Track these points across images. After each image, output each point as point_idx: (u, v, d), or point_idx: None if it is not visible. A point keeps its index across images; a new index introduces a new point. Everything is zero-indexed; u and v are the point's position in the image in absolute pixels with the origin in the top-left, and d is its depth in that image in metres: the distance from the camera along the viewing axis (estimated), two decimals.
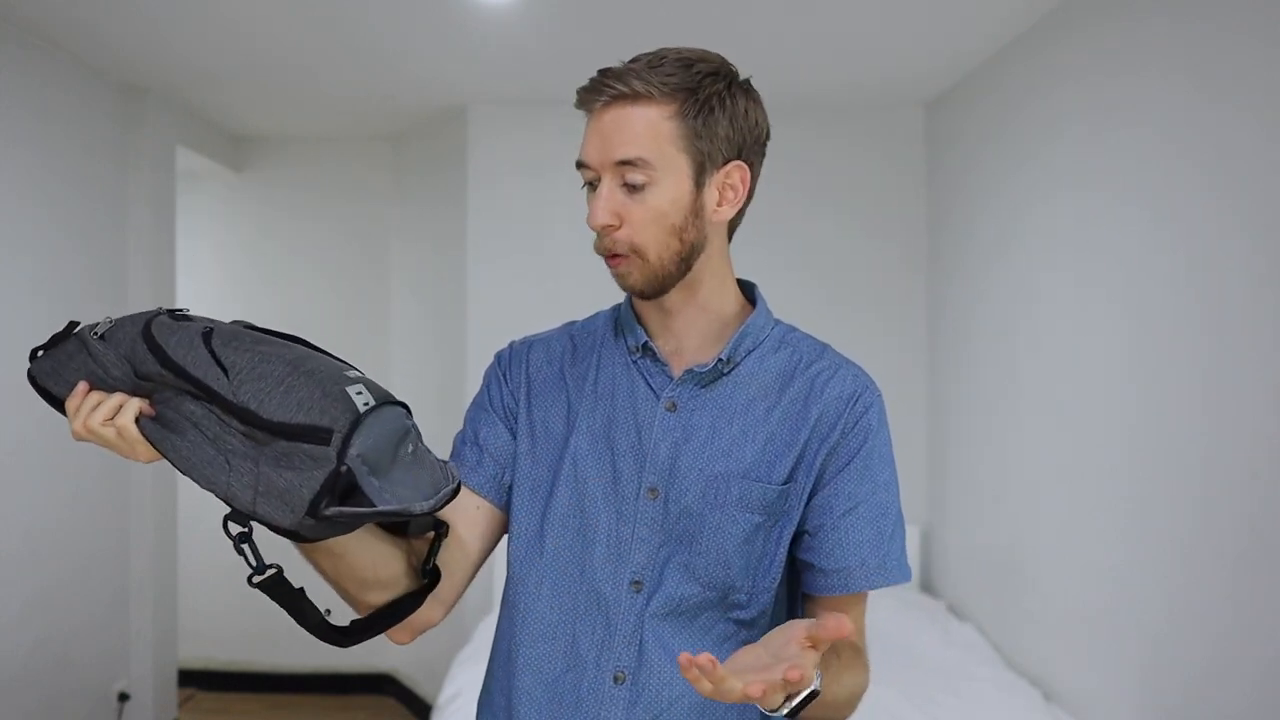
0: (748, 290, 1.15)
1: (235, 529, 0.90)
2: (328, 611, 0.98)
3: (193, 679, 4.26)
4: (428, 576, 1.05)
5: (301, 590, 0.96)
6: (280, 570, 0.94)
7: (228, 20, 2.73)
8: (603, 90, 1.02)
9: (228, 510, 0.89)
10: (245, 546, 0.91)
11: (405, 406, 0.94)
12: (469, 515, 1.11)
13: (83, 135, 3.11)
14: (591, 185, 1.05)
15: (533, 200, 3.55)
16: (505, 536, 1.15)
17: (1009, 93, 2.85)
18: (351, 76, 3.27)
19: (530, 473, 1.12)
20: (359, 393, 0.89)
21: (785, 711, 0.86)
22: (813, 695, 0.86)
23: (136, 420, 0.92)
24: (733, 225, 1.11)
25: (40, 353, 0.98)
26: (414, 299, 4.18)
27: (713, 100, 1.02)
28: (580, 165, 1.05)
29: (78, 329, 0.97)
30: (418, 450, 0.93)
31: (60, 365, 0.96)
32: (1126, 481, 2.20)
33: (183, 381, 0.90)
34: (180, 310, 0.97)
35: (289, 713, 4.15)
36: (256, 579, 0.93)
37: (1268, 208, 1.77)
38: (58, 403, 0.96)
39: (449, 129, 3.77)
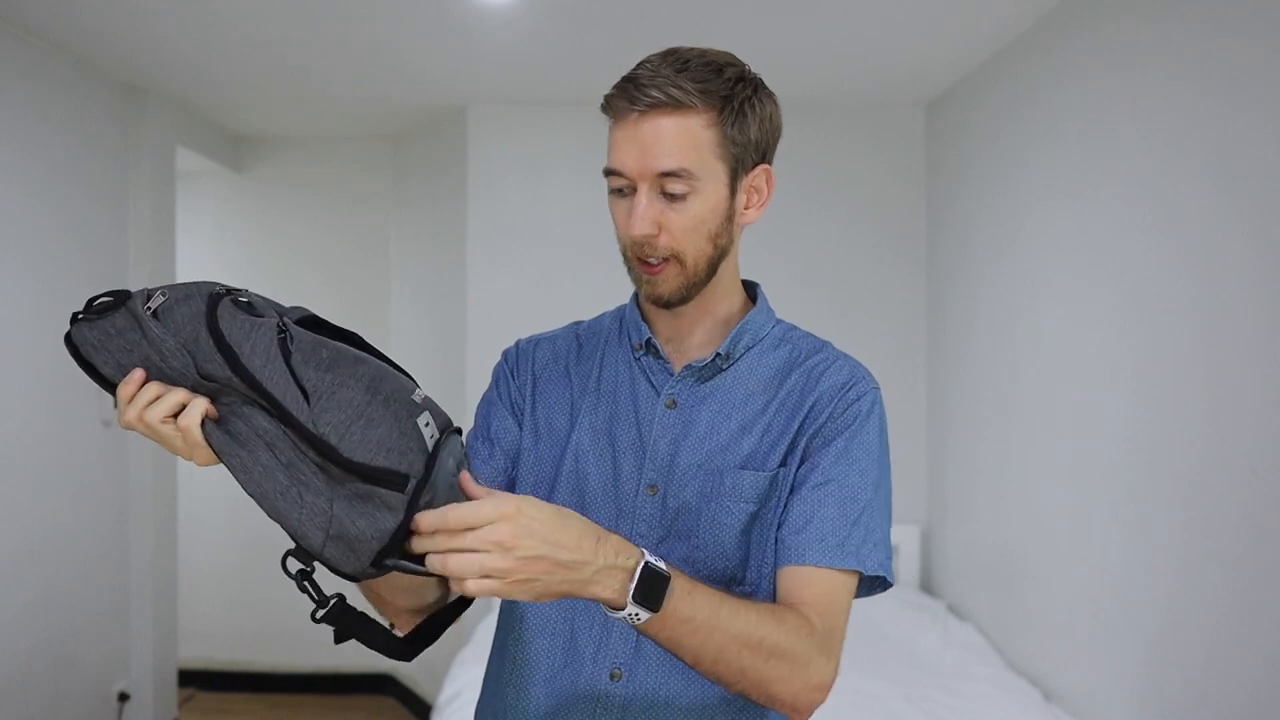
0: (751, 290, 1.16)
1: (295, 566, 0.84)
2: (392, 626, 0.95)
3: (193, 679, 4.26)
4: None
5: (364, 614, 0.92)
6: (343, 598, 0.88)
7: (228, 21, 2.73)
8: (638, 99, 1.00)
9: (291, 547, 0.83)
10: (307, 584, 0.85)
11: (459, 431, 0.92)
12: None
13: (83, 135, 3.11)
14: (619, 192, 1.04)
15: (533, 200, 3.55)
16: None
17: (1009, 93, 2.85)
18: (351, 77, 3.27)
19: (533, 469, 1.13)
20: (426, 424, 0.85)
21: (630, 593, 0.85)
22: (655, 576, 0.85)
23: (202, 424, 0.85)
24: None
25: (80, 316, 0.89)
26: (414, 299, 4.18)
27: (745, 106, 1.02)
28: (611, 173, 1.03)
29: (128, 301, 0.87)
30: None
31: (107, 338, 0.87)
32: (1126, 481, 2.20)
33: (256, 394, 0.83)
34: (239, 293, 0.89)
35: (289, 713, 4.15)
36: (321, 613, 0.87)
37: (1268, 207, 1.77)
38: (99, 375, 0.89)
39: (449, 129, 3.77)
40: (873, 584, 1.06)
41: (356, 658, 4.27)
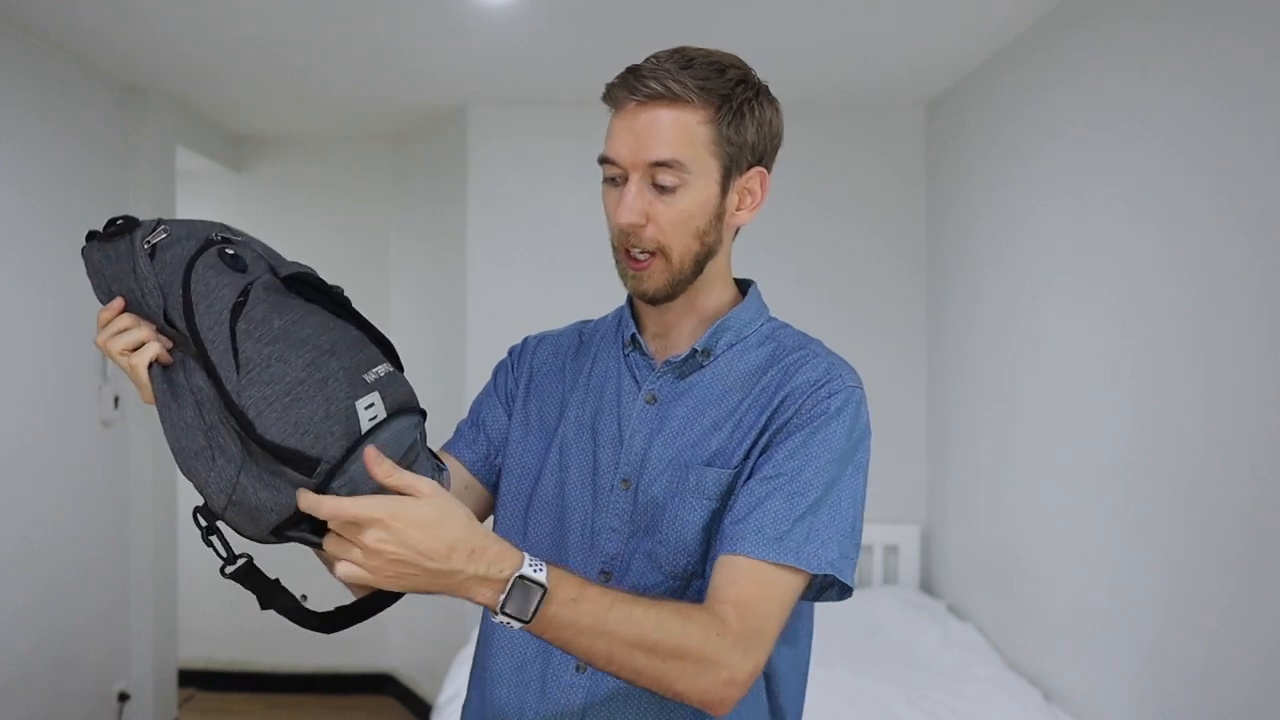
0: (745, 288, 1.16)
1: (203, 521, 0.87)
2: (304, 597, 0.94)
3: (193, 679, 4.26)
4: None
5: (276, 581, 0.93)
6: (250, 559, 0.91)
7: (227, 20, 2.73)
8: (637, 89, 1.01)
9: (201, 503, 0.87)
10: (213, 539, 0.88)
11: (421, 413, 0.92)
12: (457, 494, 1.14)
13: (83, 135, 3.11)
14: (613, 181, 1.05)
15: (532, 200, 3.55)
16: (491, 520, 1.19)
17: (1009, 93, 2.85)
18: (351, 76, 3.27)
19: (520, 459, 1.15)
20: (369, 406, 0.85)
21: (500, 604, 0.85)
22: (528, 588, 0.85)
23: (151, 365, 0.90)
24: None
25: (97, 235, 0.94)
26: (414, 299, 4.18)
27: (744, 107, 1.03)
28: (605, 161, 1.05)
29: (134, 230, 0.92)
30: (415, 467, 0.90)
31: (108, 262, 0.92)
32: (1126, 481, 2.20)
33: (201, 353, 0.85)
34: (237, 242, 0.91)
35: (289, 713, 4.15)
36: (229, 570, 0.90)
37: (1268, 208, 1.77)
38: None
39: (449, 129, 3.77)
40: (843, 590, 1.02)
41: (356, 658, 4.28)
